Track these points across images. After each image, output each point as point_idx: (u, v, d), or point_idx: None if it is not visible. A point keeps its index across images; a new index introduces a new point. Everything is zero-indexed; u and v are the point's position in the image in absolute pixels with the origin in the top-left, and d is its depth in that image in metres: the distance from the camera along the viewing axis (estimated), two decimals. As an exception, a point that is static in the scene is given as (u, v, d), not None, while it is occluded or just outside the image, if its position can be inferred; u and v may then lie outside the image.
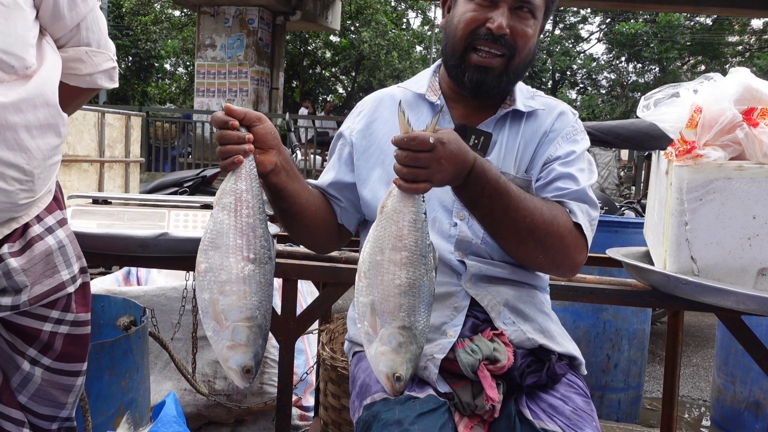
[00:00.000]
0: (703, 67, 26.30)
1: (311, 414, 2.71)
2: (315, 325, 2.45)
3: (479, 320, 1.40)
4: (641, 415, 3.42)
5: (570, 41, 29.13)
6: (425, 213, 1.14)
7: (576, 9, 27.25)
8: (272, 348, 2.58)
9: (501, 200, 1.24)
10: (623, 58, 27.74)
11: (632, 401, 3.29)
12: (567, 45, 28.60)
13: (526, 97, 1.50)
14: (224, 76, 13.63)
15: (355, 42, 22.29)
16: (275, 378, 2.28)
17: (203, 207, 2.17)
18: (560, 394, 1.37)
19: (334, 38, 23.49)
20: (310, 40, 23.17)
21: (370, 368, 1.41)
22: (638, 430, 2.96)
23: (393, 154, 1.13)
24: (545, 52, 26.86)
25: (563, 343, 1.45)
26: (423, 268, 1.12)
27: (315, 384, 2.51)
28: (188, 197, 3.20)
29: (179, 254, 1.85)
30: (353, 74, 24.82)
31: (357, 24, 22.78)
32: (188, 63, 24.19)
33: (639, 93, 23.96)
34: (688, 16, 24.88)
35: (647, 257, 1.99)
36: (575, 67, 29.18)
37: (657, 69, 26.61)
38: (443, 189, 1.29)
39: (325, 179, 1.53)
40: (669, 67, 25.90)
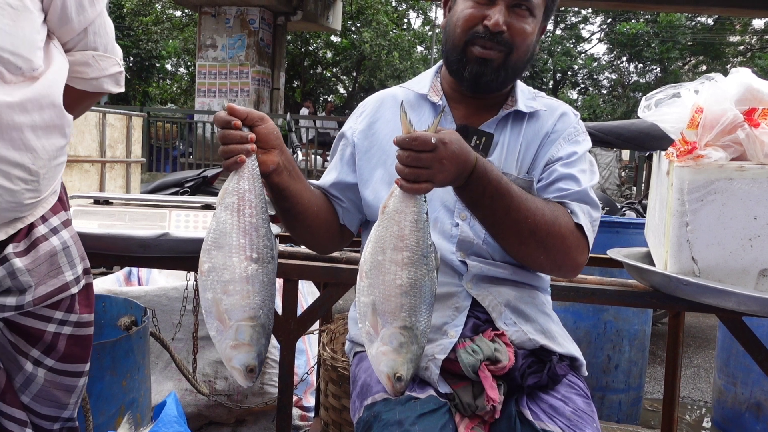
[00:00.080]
0: (705, 67, 26.27)
1: (312, 414, 2.71)
2: (316, 326, 2.45)
3: (480, 321, 1.40)
4: (642, 416, 3.42)
5: (571, 41, 29.10)
6: (427, 213, 1.14)
7: (577, 9, 27.24)
8: (273, 348, 2.58)
9: (502, 201, 1.24)
10: (624, 59, 27.72)
11: (633, 402, 3.29)
12: (568, 45, 28.57)
13: (528, 98, 1.50)
14: (225, 77, 13.63)
15: (356, 42, 22.28)
16: (276, 378, 2.28)
17: (204, 207, 2.17)
18: (561, 395, 1.37)
19: (335, 38, 23.48)
20: (311, 41, 23.15)
21: (371, 368, 1.41)
22: (639, 431, 2.96)
23: (395, 155, 1.13)
24: (546, 53, 26.84)
25: (564, 344, 1.45)
26: (424, 269, 1.12)
27: (315, 384, 2.51)
28: (189, 197, 3.20)
29: (180, 254, 1.85)
30: (354, 74, 24.80)
31: (358, 24, 22.77)
32: (189, 63, 24.18)
33: (640, 93, 23.93)
34: (690, 16, 24.85)
35: (648, 258, 1.99)
36: (576, 68, 29.15)
37: (658, 69, 26.58)
38: (445, 189, 1.29)
39: (327, 179, 1.53)
40: (670, 68, 25.87)
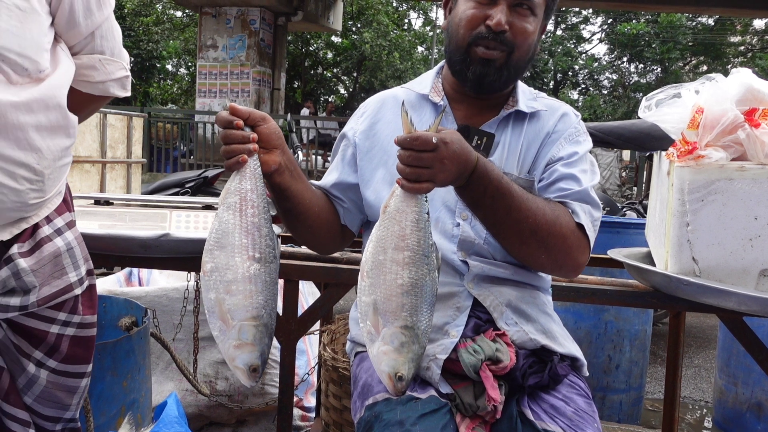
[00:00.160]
0: (705, 68, 26.27)
1: (312, 415, 2.71)
2: (316, 326, 2.45)
3: (481, 320, 1.40)
4: (643, 416, 3.42)
5: (572, 42, 29.11)
6: (428, 213, 1.14)
7: (578, 9, 27.25)
8: (273, 349, 2.58)
9: (503, 200, 1.24)
10: (625, 59, 27.72)
11: (634, 402, 3.29)
12: (569, 45, 28.58)
13: (529, 99, 1.50)
14: (226, 77, 13.63)
15: (357, 43, 22.29)
16: (276, 379, 2.28)
17: (205, 208, 2.18)
18: (562, 395, 1.37)
19: (336, 39, 23.50)
20: (312, 41, 23.15)
21: (372, 368, 1.41)
22: (640, 431, 2.96)
23: (396, 155, 1.14)
24: (547, 53, 26.84)
25: (565, 344, 1.45)
26: (425, 268, 1.12)
27: (316, 385, 2.51)
28: (190, 198, 3.20)
29: (181, 255, 1.85)
30: (355, 75, 24.80)
31: (359, 24, 22.77)
32: (190, 64, 24.18)
33: (641, 93, 23.92)
34: (690, 17, 24.85)
35: (649, 258, 1.99)
36: (577, 68, 29.15)
37: (659, 69, 26.58)
38: (446, 189, 1.29)
39: (329, 180, 1.53)
40: (671, 68, 25.87)
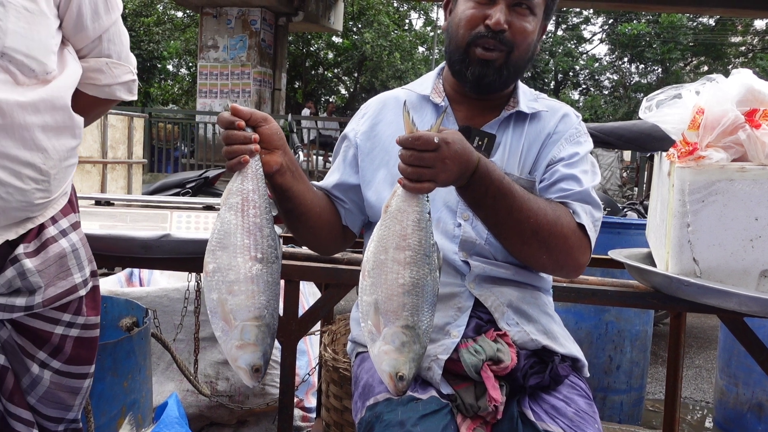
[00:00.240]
0: (706, 68, 26.26)
1: (313, 415, 2.71)
2: (317, 327, 2.45)
3: (483, 321, 1.40)
4: (643, 417, 3.42)
5: (572, 42, 29.11)
6: (429, 213, 1.14)
7: (578, 10, 27.25)
8: (274, 349, 2.58)
9: (505, 201, 1.24)
10: (626, 59, 27.71)
11: (635, 403, 3.29)
12: (569, 46, 28.58)
13: (530, 99, 1.51)
14: (227, 77, 13.63)
15: (358, 43, 22.29)
16: (277, 379, 2.28)
17: (205, 208, 2.18)
18: (563, 396, 1.37)
19: (337, 39, 23.50)
20: (313, 41, 23.16)
21: (373, 369, 1.41)
22: (640, 432, 2.96)
23: (397, 155, 1.14)
24: (548, 53, 26.84)
25: (566, 345, 1.45)
26: (427, 268, 1.12)
27: (317, 385, 2.51)
28: (190, 198, 3.21)
29: (182, 255, 1.85)
30: (355, 75, 24.80)
31: (359, 25, 22.77)
32: (191, 64, 24.17)
33: (641, 94, 23.92)
34: (691, 17, 24.85)
35: (649, 259, 1.99)
36: (578, 68, 29.15)
37: (660, 70, 26.58)
38: (447, 189, 1.29)
39: (330, 181, 1.53)
40: (672, 68, 25.87)
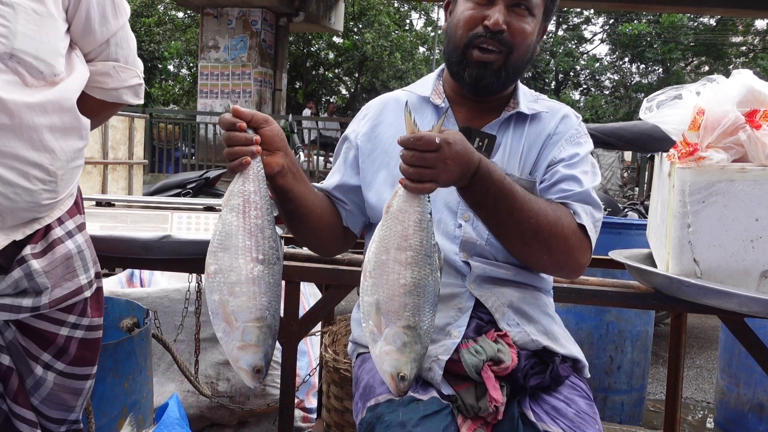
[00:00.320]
0: (707, 68, 26.26)
1: (314, 416, 2.71)
2: (318, 327, 2.45)
3: (483, 321, 1.41)
4: (644, 417, 3.42)
5: (573, 42, 29.10)
6: (431, 213, 1.14)
7: (579, 10, 27.23)
8: (275, 350, 2.58)
9: (506, 201, 1.25)
10: (626, 59, 27.69)
11: (635, 403, 3.28)
12: (570, 46, 28.56)
13: (530, 100, 1.51)
14: (227, 78, 13.63)
15: (358, 43, 22.29)
16: (278, 380, 2.28)
17: (206, 209, 2.18)
18: (563, 397, 1.37)
19: (337, 39, 23.49)
20: (313, 42, 23.15)
21: (374, 370, 1.41)
22: (641, 432, 2.96)
23: (398, 156, 1.14)
24: (548, 53, 26.83)
25: (567, 346, 1.45)
26: (428, 268, 1.12)
27: (318, 386, 2.51)
28: (191, 199, 3.21)
29: (182, 256, 1.86)
30: (356, 75, 24.79)
31: (360, 25, 22.77)
32: (192, 64, 24.18)
33: (642, 94, 23.90)
34: (692, 17, 24.84)
35: (650, 259, 1.99)
36: (578, 68, 29.14)
37: (660, 70, 26.55)
38: (448, 190, 1.30)
39: (331, 182, 1.54)
40: (672, 68, 25.85)
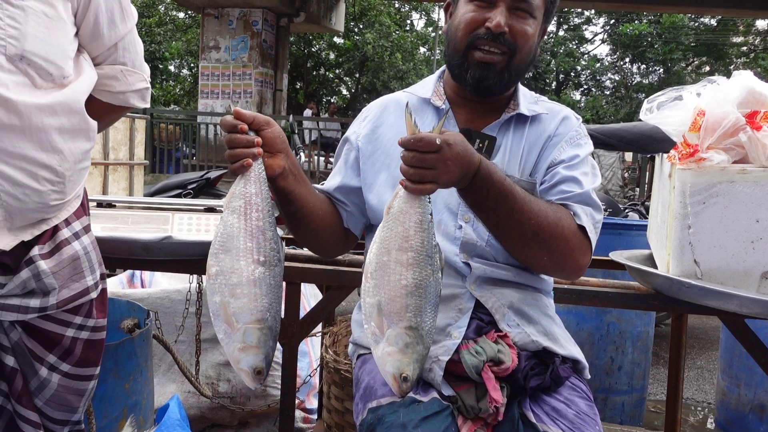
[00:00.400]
0: (708, 68, 26.26)
1: (314, 417, 2.71)
2: (318, 328, 2.45)
3: (483, 322, 1.41)
4: (645, 418, 3.41)
5: (574, 42, 29.08)
6: (431, 214, 1.15)
7: (580, 10, 27.22)
8: (276, 351, 2.58)
9: (506, 202, 1.25)
10: (627, 59, 27.67)
11: (636, 404, 3.28)
12: (571, 46, 28.54)
13: (530, 102, 1.51)
14: (228, 78, 13.64)
15: (359, 43, 22.28)
16: (278, 381, 2.29)
17: (207, 210, 2.18)
18: (564, 398, 1.37)
19: (338, 40, 23.48)
20: (314, 42, 23.16)
21: (375, 371, 1.41)
22: (642, 433, 2.96)
23: (399, 157, 1.14)
24: (549, 54, 26.81)
25: (567, 347, 1.45)
26: (429, 269, 1.13)
27: (318, 387, 2.52)
28: (192, 200, 3.21)
29: (183, 257, 1.86)
30: (357, 76, 24.79)
31: (361, 25, 22.76)
32: (192, 65, 24.18)
33: (643, 94, 23.88)
34: (693, 17, 24.82)
35: (651, 260, 1.99)
36: (579, 69, 29.11)
37: (661, 70, 26.52)
38: (448, 191, 1.30)
39: (332, 184, 1.54)
40: (673, 68, 25.82)
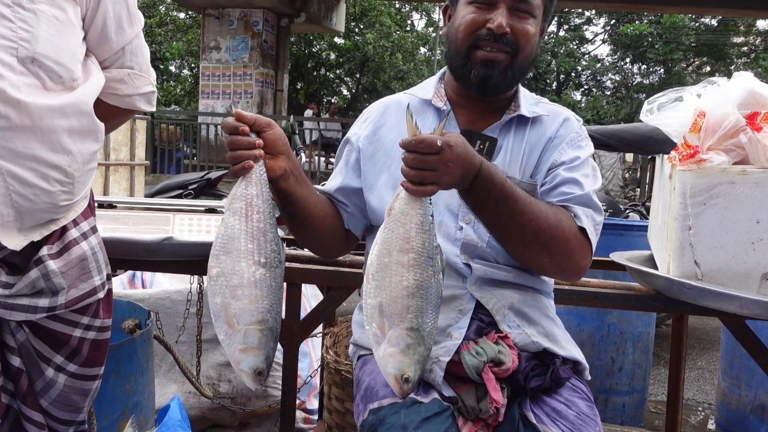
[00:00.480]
0: (708, 69, 26.24)
1: (315, 417, 2.72)
2: (319, 329, 2.45)
3: (484, 323, 1.41)
4: (646, 419, 3.41)
5: (574, 43, 29.06)
6: (432, 215, 1.15)
7: (580, 10, 27.21)
8: (276, 351, 2.58)
9: (507, 204, 1.25)
10: (628, 60, 27.63)
11: (637, 404, 3.28)
12: (571, 46, 28.51)
13: (531, 103, 1.51)
14: (229, 78, 13.64)
15: (360, 44, 22.28)
16: (279, 381, 2.29)
17: (208, 211, 2.18)
18: (564, 399, 1.37)
19: (339, 40, 23.48)
20: (315, 42, 23.16)
21: (375, 372, 1.42)
22: (642, 434, 2.96)
23: (400, 159, 1.14)
24: (550, 54, 26.79)
25: (567, 348, 1.45)
26: (430, 270, 1.13)
27: (319, 387, 2.52)
28: (193, 201, 3.21)
29: (184, 258, 1.86)
30: (357, 76, 24.78)
31: (361, 26, 22.76)
32: (193, 65, 24.17)
33: (644, 94, 23.87)
34: (693, 17, 24.80)
35: (651, 261, 1.99)
36: (580, 69, 29.08)
37: (662, 70, 26.50)
38: (449, 193, 1.30)
39: (333, 185, 1.54)
40: (674, 69, 25.80)
